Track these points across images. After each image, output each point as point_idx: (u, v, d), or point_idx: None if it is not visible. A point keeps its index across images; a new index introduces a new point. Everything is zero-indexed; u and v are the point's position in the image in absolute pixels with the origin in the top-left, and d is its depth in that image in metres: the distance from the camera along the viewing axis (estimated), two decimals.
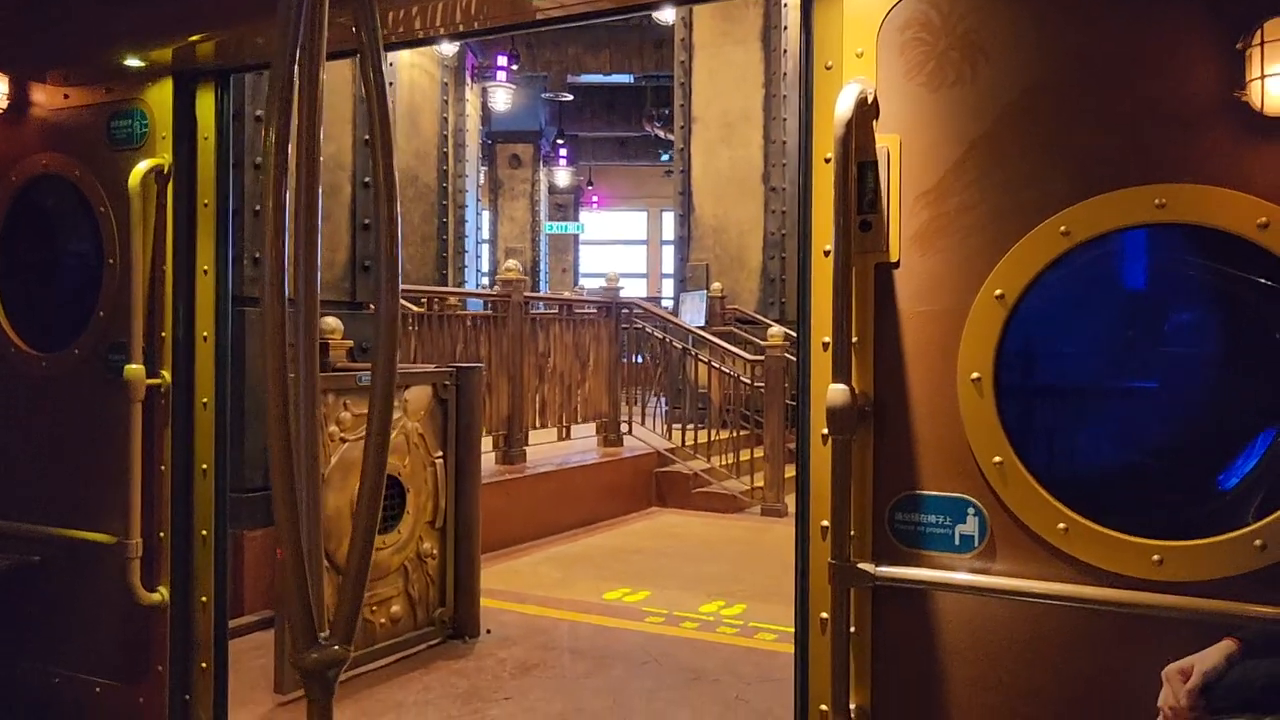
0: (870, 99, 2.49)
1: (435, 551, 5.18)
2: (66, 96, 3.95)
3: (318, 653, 1.96)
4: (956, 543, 2.44)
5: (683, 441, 9.99)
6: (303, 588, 1.94)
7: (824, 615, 2.60)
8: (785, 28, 11.51)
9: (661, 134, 21.28)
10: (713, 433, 10.15)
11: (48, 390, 3.99)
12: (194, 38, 3.63)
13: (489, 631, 5.41)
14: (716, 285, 11.84)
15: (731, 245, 12.21)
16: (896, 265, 2.49)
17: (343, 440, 4.62)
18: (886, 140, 2.50)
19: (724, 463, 9.91)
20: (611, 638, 5.53)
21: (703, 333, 10.51)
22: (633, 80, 21.79)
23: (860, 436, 2.52)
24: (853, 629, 2.54)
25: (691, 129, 12.38)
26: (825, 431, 2.51)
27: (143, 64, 3.71)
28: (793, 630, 2.71)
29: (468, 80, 15.43)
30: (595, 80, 22.33)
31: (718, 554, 7.80)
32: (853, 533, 2.52)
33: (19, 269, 4.15)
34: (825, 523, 2.57)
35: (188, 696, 3.66)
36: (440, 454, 5.20)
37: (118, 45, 3.72)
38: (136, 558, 3.63)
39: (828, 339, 2.52)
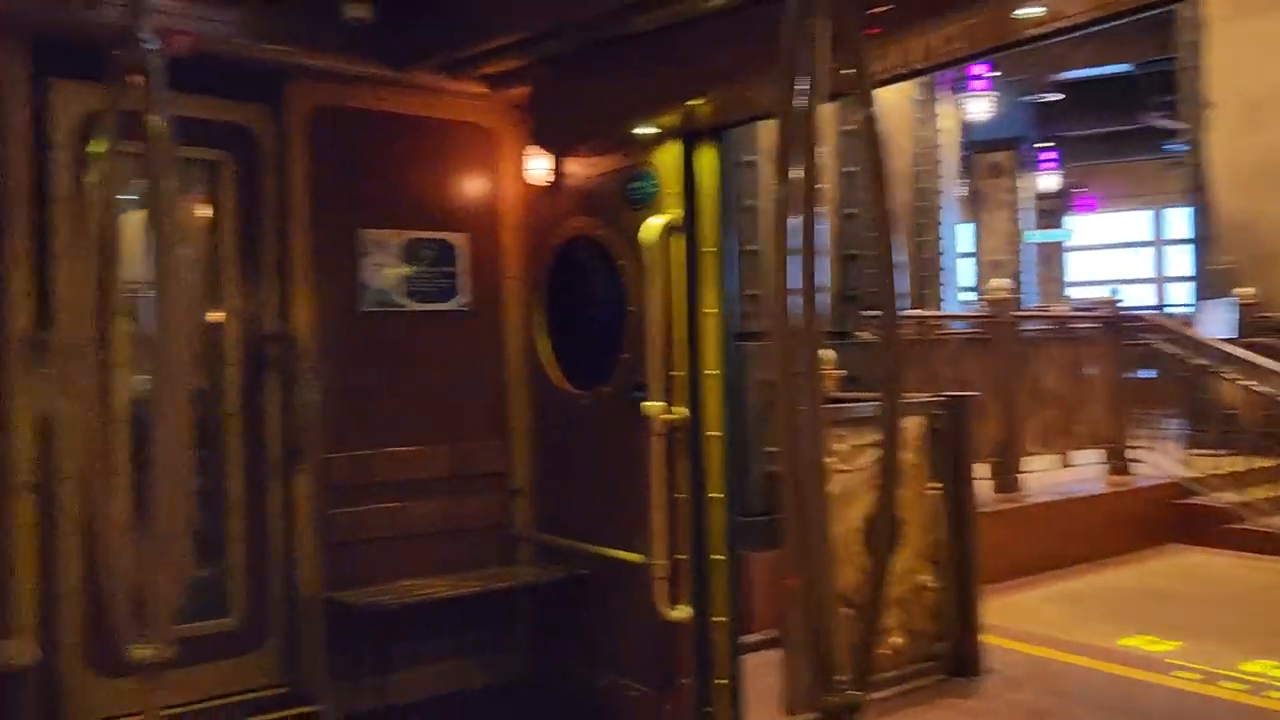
0: None
1: (932, 584, 5.08)
2: (593, 166, 4.52)
3: (837, 696, 2.01)
4: None
5: (1208, 471, 8.79)
6: (819, 632, 2.00)
7: None
8: None
9: (1161, 124, 19.08)
10: (1246, 460, 8.81)
11: (586, 424, 4.57)
12: (694, 101, 3.97)
13: (991, 670, 5.17)
14: (1246, 290, 10.29)
15: (1264, 243, 10.55)
16: None
17: (838, 471, 4.71)
18: None
19: (1264, 495, 8.55)
20: (1131, 690, 5.01)
21: (1229, 346, 9.20)
22: (1123, 70, 19.82)
23: None
24: None
25: (1205, 116, 10.94)
26: None
27: (653, 130, 4.14)
28: None
29: (943, 94, 15.07)
30: (1079, 75, 20.66)
31: (1260, 603, 6.74)
32: None
33: (560, 318, 4.81)
34: None
35: (709, 709, 3.95)
36: (935, 485, 5.10)
37: (633, 116, 4.18)
38: (662, 578, 4.01)
39: None
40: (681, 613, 4.01)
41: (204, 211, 4.40)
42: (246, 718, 4.00)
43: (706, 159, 4.10)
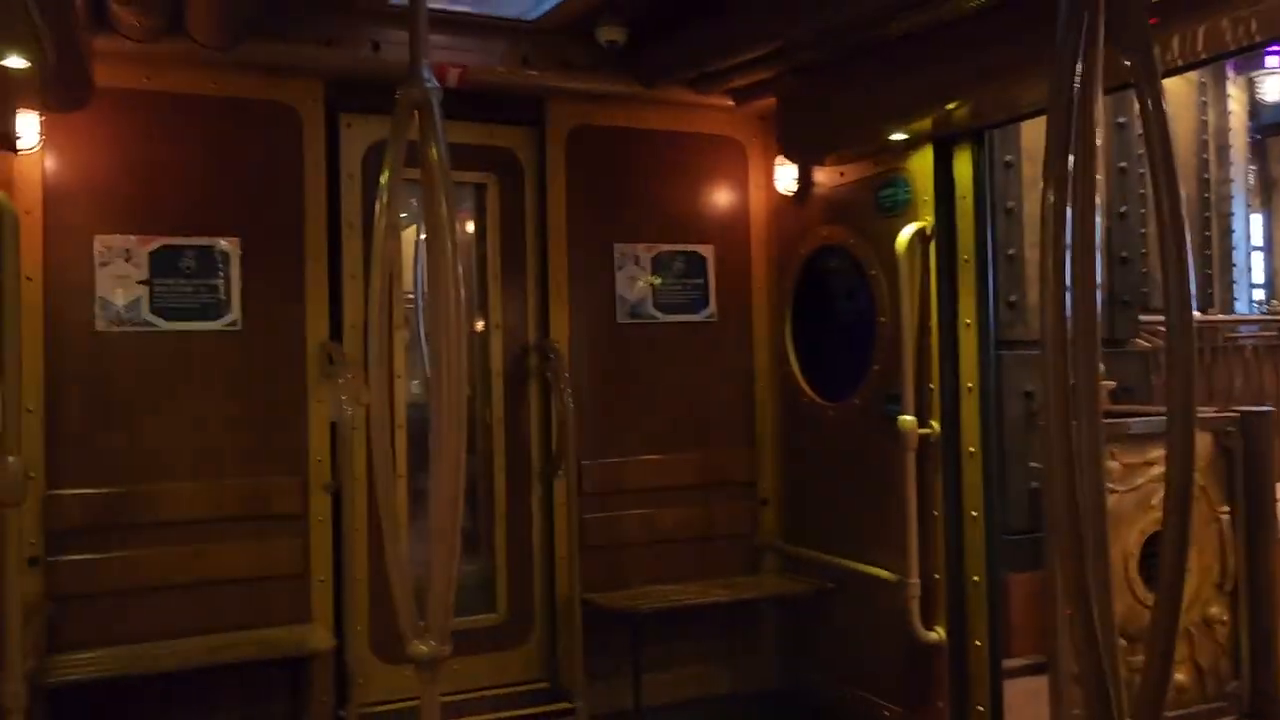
0: None
1: (1224, 618, 4.59)
2: (842, 174, 4.44)
3: None
4: None
5: None
6: (1100, 667, 1.85)
7: None
8: None
9: None
10: None
11: (835, 436, 4.49)
12: (950, 105, 3.80)
13: None
14: None
15: None
16: None
17: (1109, 491, 4.37)
18: None
19: None
20: None
21: None
22: None
23: None
24: None
25: None
26: None
27: (905, 135, 4.00)
28: None
29: (1229, 74, 13.65)
30: None
31: None
32: None
33: (807, 328, 4.76)
34: None
35: None
36: (1226, 508, 4.62)
37: (883, 122, 4.06)
38: (915, 597, 3.87)
39: None
40: (937, 634, 3.86)
41: (470, 229, 4.70)
42: (510, 710, 4.22)
43: (962, 163, 3.93)
